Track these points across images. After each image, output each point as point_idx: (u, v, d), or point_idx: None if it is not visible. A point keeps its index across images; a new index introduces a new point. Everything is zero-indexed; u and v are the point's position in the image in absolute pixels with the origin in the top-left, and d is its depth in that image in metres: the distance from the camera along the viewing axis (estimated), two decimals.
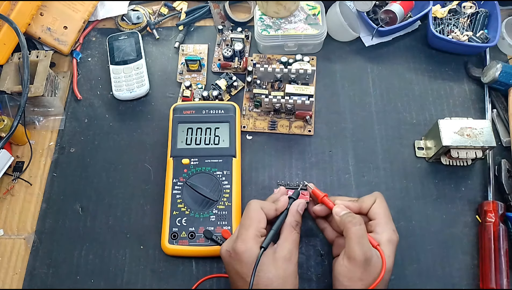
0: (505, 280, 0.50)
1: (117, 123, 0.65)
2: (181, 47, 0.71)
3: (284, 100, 0.60)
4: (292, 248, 0.45)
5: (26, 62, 0.60)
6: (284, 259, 0.44)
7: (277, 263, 0.43)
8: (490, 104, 0.63)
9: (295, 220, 0.47)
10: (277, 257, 0.44)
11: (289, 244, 0.45)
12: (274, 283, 0.42)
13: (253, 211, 0.46)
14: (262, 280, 0.43)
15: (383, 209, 0.47)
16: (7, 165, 0.60)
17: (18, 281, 0.54)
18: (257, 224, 0.45)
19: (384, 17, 0.68)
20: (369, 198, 0.49)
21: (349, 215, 0.45)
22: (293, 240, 0.45)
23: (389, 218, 0.47)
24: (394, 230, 0.46)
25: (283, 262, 0.43)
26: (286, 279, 0.43)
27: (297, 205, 0.49)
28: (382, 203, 0.48)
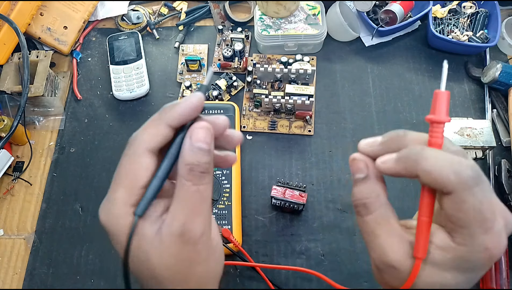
0: (505, 280, 0.50)
1: (117, 123, 0.65)
2: (181, 47, 0.71)
3: (284, 100, 0.60)
4: (189, 218, 0.26)
5: (26, 62, 0.60)
6: (174, 237, 0.26)
7: (161, 246, 0.26)
8: (490, 104, 0.63)
9: (191, 162, 0.26)
10: (162, 235, 0.26)
11: (181, 211, 0.26)
12: (158, 275, 0.27)
13: (127, 158, 0.27)
14: (142, 269, 0.27)
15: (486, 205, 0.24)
16: (7, 165, 0.60)
17: (18, 281, 0.54)
18: (135, 180, 0.26)
19: (384, 17, 0.68)
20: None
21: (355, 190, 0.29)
22: (189, 201, 0.26)
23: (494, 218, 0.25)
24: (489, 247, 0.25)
25: (173, 243, 0.26)
26: (183, 269, 0.27)
27: (190, 135, 0.26)
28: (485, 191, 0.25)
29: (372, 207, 0.28)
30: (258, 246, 0.55)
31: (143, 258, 0.26)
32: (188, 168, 0.26)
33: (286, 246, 0.55)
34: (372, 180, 0.28)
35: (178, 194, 0.26)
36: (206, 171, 0.26)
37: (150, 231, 0.26)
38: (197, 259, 0.27)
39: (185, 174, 0.26)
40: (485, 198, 0.25)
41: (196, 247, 0.26)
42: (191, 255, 0.26)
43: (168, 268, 0.26)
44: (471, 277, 0.26)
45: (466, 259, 0.25)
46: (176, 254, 0.26)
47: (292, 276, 0.53)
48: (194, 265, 0.27)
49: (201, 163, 0.26)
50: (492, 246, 0.25)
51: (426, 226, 0.27)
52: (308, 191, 0.58)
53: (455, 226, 0.25)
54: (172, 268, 0.26)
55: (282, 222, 0.56)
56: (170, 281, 0.27)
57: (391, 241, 0.27)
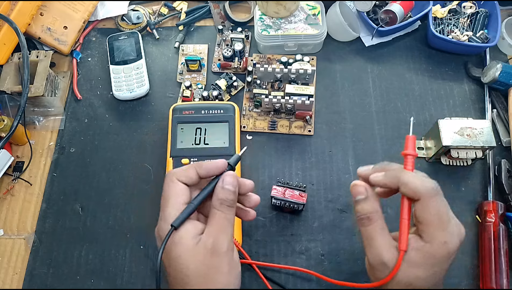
0: (505, 280, 0.50)
1: (117, 123, 0.65)
2: (181, 47, 0.71)
3: (284, 100, 0.60)
4: (218, 236, 0.35)
5: (26, 62, 0.60)
6: (206, 250, 0.34)
7: (196, 256, 0.34)
8: (490, 104, 0.63)
9: (222, 198, 0.36)
10: (198, 248, 0.35)
11: (214, 231, 0.35)
12: (191, 281, 0.34)
13: (166, 185, 0.37)
14: (179, 275, 0.35)
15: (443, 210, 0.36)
16: (7, 165, 0.60)
17: (18, 281, 0.54)
18: (175, 199, 0.36)
19: (384, 17, 0.68)
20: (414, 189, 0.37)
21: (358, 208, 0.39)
22: (219, 224, 0.36)
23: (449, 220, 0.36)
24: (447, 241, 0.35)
25: (205, 255, 0.34)
26: (208, 276, 0.34)
27: (222, 179, 0.37)
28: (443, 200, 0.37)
29: (373, 219, 0.38)
30: (258, 246, 0.55)
31: (182, 264, 0.34)
32: (219, 202, 0.36)
33: (286, 246, 0.55)
34: (371, 199, 0.39)
35: (211, 219, 0.36)
36: (231, 205, 0.37)
37: (191, 244, 0.35)
38: (222, 270, 0.35)
39: (217, 205, 0.36)
40: (442, 204, 0.36)
41: (223, 259, 0.35)
42: (218, 265, 0.35)
43: (199, 274, 0.34)
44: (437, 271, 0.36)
45: (431, 254, 0.35)
46: (207, 263, 0.34)
47: (292, 276, 0.53)
48: (219, 275, 0.35)
49: (228, 199, 0.36)
50: (448, 241, 0.35)
51: (407, 225, 0.37)
52: (308, 191, 0.58)
53: (422, 226, 0.36)
54: (202, 275, 0.34)
55: (282, 222, 0.56)
56: (199, 286, 0.34)
57: (385, 245, 0.37)
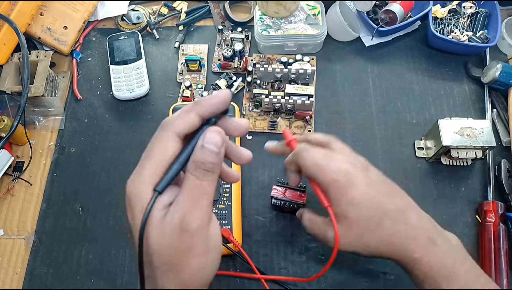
0: (505, 280, 0.50)
1: (117, 123, 0.65)
2: (181, 47, 0.71)
3: (284, 100, 0.60)
4: (188, 210, 0.28)
5: (26, 62, 0.60)
6: (173, 227, 0.28)
7: (161, 232, 0.28)
8: (490, 104, 0.63)
9: (199, 160, 0.29)
10: (164, 223, 0.28)
11: (183, 203, 0.28)
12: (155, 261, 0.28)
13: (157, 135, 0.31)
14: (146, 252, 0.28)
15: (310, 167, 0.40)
16: (7, 165, 0.60)
17: (18, 281, 0.54)
18: (162, 155, 0.30)
19: (384, 17, 0.68)
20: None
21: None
22: (191, 195, 0.28)
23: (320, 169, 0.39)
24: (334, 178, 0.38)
25: (172, 232, 0.28)
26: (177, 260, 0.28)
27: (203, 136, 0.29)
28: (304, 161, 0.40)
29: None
30: (258, 246, 0.55)
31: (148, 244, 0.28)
32: (195, 164, 0.29)
33: (286, 246, 0.55)
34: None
35: (184, 185, 0.29)
36: (210, 170, 0.29)
37: (157, 216, 0.28)
38: (193, 252, 0.28)
39: (192, 169, 0.29)
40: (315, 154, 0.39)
41: (192, 239, 0.28)
42: (187, 246, 0.28)
43: (164, 255, 0.28)
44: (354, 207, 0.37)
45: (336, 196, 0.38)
46: (174, 243, 0.28)
47: (292, 276, 0.53)
48: (189, 257, 0.28)
49: (207, 161, 0.29)
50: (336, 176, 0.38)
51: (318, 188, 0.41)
52: (308, 191, 0.58)
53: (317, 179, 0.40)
54: (168, 256, 0.28)
55: (282, 222, 0.56)
56: (163, 269, 0.28)
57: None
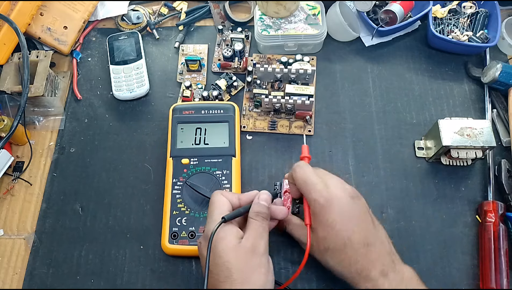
0: (505, 280, 0.50)
1: (117, 123, 0.65)
2: (181, 47, 0.71)
3: (284, 100, 0.60)
4: (256, 239, 0.41)
5: (26, 62, 0.60)
6: (246, 250, 0.40)
7: (238, 253, 0.40)
8: (490, 104, 0.63)
9: (258, 211, 0.44)
10: (239, 247, 0.40)
11: (252, 235, 0.42)
12: (233, 274, 0.39)
13: (215, 197, 0.45)
14: (220, 268, 0.39)
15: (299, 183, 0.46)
16: (7, 165, 0.60)
17: (18, 281, 0.54)
18: (221, 207, 0.44)
19: (384, 17, 0.68)
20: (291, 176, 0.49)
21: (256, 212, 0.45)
22: (257, 231, 0.42)
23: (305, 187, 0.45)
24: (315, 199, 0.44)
25: (245, 253, 0.40)
26: (249, 273, 0.39)
27: (258, 196, 0.46)
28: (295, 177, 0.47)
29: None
30: None
31: (225, 258, 0.40)
32: (255, 213, 0.44)
33: (286, 246, 0.54)
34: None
35: (249, 227, 0.43)
36: (265, 217, 0.44)
37: (234, 242, 0.41)
38: (261, 270, 0.40)
39: (254, 215, 0.44)
40: (304, 172, 0.46)
41: (261, 259, 0.41)
42: (257, 264, 0.40)
43: (241, 269, 0.39)
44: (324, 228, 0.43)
45: (312, 212, 0.45)
46: (248, 261, 0.40)
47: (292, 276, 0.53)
48: (258, 274, 0.40)
49: (262, 211, 0.44)
50: (316, 197, 0.44)
51: (307, 204, 0.47)
52: None
53: (304, 195, 0.47)
54: (243, 270, 0.39)
55: None
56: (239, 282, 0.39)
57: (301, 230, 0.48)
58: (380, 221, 0.56)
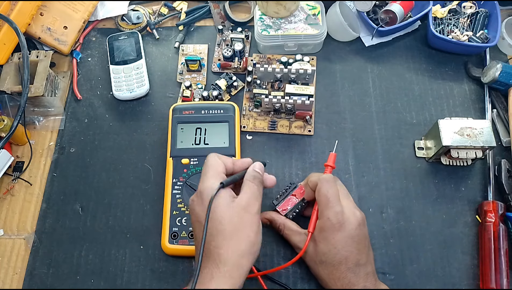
0: (505, 280, 0.50)
1: (117, 123, 0.65)
2: (181, 47, 0.71)
3: (284, 100, 0.60)
4: (250, 199, 0.43)
5: (26, 62, 0.60)
6: (241, 207, 0.42)
7: (233, 209, 0.42)
8: (490, 104, 0.63)
9: (255, 175, 0.46)
10: (234, 204, 0.42)
11: (247, 195, 0.44)
12: (226, 227, 0.41)
13: (211, 159, 0.46)
14: (213, 222, 0.41)
15: (320, 196, 0.48)
16: (7, 165, 0.60)
17: (18, 281, 0.54)
18: (216, 168, 0.45)
19: (384, 17, 0.68)
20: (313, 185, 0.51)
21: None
22: (252, 192, 0.44)
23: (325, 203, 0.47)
24: (330, 217, 0.46)
25: (240, 210, 0.42)
26: (241, 228, 0.41)
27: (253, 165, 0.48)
28: (320, 188, 0.48)
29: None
30: None
31: (219, 213, 0.41)
32: (252, 176, 0.46)
33: (286, 246, 0.54)
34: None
35: (244, 188, 0.45)
36: (260, 182, 0.46)
37: (228, 200, 0.42)
38: (252, 227, 0.42)
39: (251, 178, 0.46)
40: (331, 190, 0.47)
41: (253, 218, 0.42)
42: (249, 221, 0.42)
43: (232, 222, 0.41)
44: (331, 244, 0.46)
45: (320, 227, 0.47)
46: (241, 216, 0.42)
47: (292, 276, 0.53)
48: (248, 230, 0.41)
49: (257, 177, 0.46)
50: (331, 217, 0.46)
51: (315, 214, 0.49)
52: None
53: (319, 207, 0.48)
54: (235, 223, 0.41)
55: None
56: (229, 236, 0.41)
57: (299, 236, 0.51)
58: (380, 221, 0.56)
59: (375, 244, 0.54)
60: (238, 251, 0.40)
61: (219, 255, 0.40)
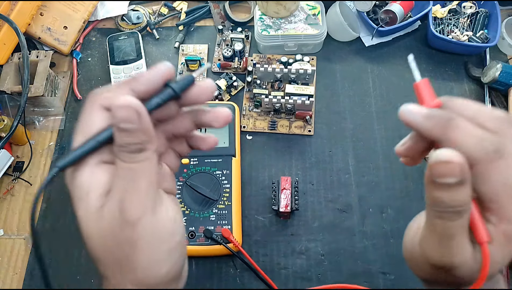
0: (505, 280, 0.50)
1: None
2: (181, 47, 0.71)
3: (284, 100, 0.60)
4: (125, 197, 0.23)
5: (26, 62, 0.60)
6: (112, 216, 0.23)
7: (101, 222, 0.24)
8: (490, 104, 0.63)
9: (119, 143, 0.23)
10: (104, 211, 0.24)
11: (118, 190, 0.24)
12: (100, 254, 0.24)
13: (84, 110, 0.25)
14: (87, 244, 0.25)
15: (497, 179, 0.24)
16: (7, 165, 0.60)
17: (18, 281, 0.54)
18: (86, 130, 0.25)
19: (384, 17, 0.68)
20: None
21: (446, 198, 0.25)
22: (126, 181, 0.23)
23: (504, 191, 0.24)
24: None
25: (112, 222, 0.23)
26: (124, 253, 0.24)
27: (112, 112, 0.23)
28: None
29: (464, 214, 0.24)
30: (258, 246, 0.55)
31: (86, 233, 0.24)
32: (117, 148, 0.23)
33: (286, 246, 0.55)
34: (468, 185, 0.24)
35: (116, 171, 0.24)
36: (136, 151, 0.23)
37: (94, 205, 0.24)
38: (138, 244, 0.24)
39: (116, 152, 0.24)
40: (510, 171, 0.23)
41: (136, 228, 0.23)
42: (130, 239, 0.23)
43: (107, 249, 0.24)
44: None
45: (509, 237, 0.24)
46: (116, 234, 0.23)
47: (292, 276, 0.53)
48: (135, 251, 0.24)
49: (126, 142, 0.23)
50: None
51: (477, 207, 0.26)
52: (308, 191, 0.58)
53: (487, 203, 0.25)
54: (112, 251, 0.24)
55: (282, 222, 0.56)
56: (112, 264, 0.24)
57: (463, 245, 0.25)
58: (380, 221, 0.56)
59: (376, 244, 0.54)
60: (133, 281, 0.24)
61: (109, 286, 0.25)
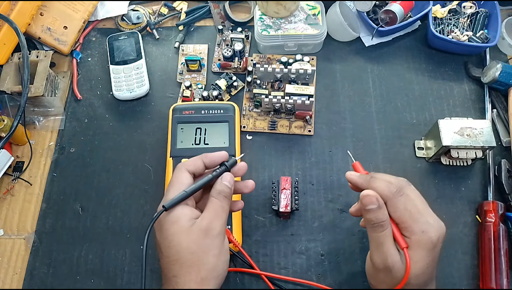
0: (505, 280, 0.50)
1: (117, 123, 0.65)
2: (181, 47, 0.71)
3: (284, 100, 0.60)
4: (213, 220, 0.40)
5: (26, 62, 0.60)
6: (200, 231, 0.39)
7: (190, 236, 0.38)
8: (490, 104, 0.63)
9: (220, 189, 0.41)
10: (192, 229, 0.39)
11: (209, 215, 0.40)
12: (183, 256, 0.38)
13: (174, 173, 0.42)
14: (171, 251, 0.39)
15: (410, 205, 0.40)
16: (7, 165, 0.60)
17: (18, 281, 0.54)
18: (178, 185, 0.41)
19: (384, 17, 0.68)
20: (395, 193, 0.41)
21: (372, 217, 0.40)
22: (215, 210, 0.40)
23: (420, 213, 0.40)
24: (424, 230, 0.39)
25: (198, 235, 0.38)
26: (200, 255, 0.38)
27: (222, 176, 0.42)
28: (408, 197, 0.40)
29: (385, 226, 0.40)
30: (258, 246, 0.55)
31: (175, 241, 0.38)
32: (217, 192, 0.41)
33: (286, 246, 0.55)
34: (383, 208, 0.41)
35: (208, 206, 0.41)
36: (227, 197, 0.42)
37: (186, 225, 0.39)
38: (212, 252, 0.39)
39: (215, 194, 0.41)
40: (409, 201, 0.40)
41: (214, 241, 0.39)
42: (209, 246, 0.39)
43: (190, 251, 0.38)
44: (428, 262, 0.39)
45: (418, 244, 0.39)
46: (199, 243, 0.38)
47: (292, 276, 0.53)
48: (208, 256, 0.39)
49: (225, 191, 0.42)
50: (425, 229, 0.39)
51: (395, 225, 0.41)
52: (308, 191, 0.58)
53: (400, 225, 0.40)
54: (193, 252, 0.38)
55: (282, 222, 0.56)
56: (187, 264, 0.38)
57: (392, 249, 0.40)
58: None
59: None
60: (197, 279, 0.38)
61: (177, 283, 0.38)
